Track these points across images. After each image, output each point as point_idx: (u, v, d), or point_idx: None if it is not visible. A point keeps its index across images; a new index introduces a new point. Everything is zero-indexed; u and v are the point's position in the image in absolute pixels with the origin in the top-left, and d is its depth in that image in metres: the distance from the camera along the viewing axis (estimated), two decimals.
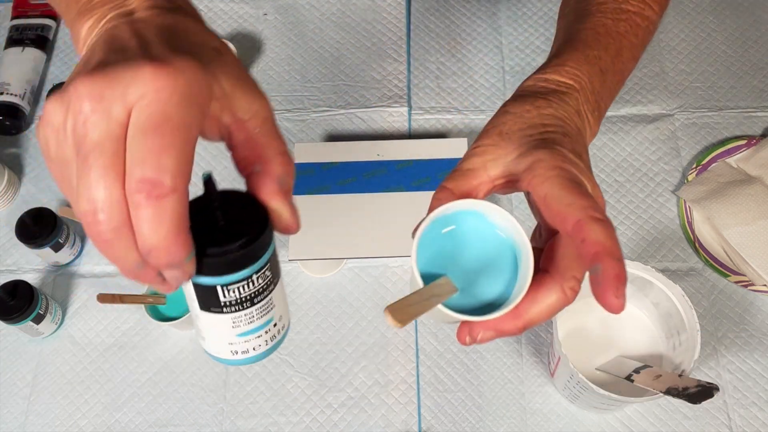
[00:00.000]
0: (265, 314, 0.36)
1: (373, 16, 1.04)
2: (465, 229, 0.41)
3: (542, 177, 0.38)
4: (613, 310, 0.35)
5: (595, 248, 0.35)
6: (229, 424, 0.79)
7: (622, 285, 0.35)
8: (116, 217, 0.29)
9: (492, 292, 0.40)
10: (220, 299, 0.34)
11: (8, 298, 0.78)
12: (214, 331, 0.36)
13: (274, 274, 0.36)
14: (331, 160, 0.86)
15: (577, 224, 0.36)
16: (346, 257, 0.83)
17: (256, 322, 0.36)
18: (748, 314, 0.82)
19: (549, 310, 0.38)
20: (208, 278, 0.33)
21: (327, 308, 0.85)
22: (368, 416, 0.79)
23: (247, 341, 0.37)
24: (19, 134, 0.99)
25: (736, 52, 0.99)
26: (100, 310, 0.86)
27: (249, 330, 0.36)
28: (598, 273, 0.35)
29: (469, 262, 0.41)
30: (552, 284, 0.38)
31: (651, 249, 0.86)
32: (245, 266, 0.34)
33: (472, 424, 0.78)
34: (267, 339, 0.38)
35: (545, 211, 0.38)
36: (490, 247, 0.41)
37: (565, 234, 0.37)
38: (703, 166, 0.90)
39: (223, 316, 0.35)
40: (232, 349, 0.37)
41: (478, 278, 0.41)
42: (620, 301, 0.35)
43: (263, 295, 0.35)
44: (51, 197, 0.94)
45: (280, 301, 0.38)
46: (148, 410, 0.81)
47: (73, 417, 0.81)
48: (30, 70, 0.99)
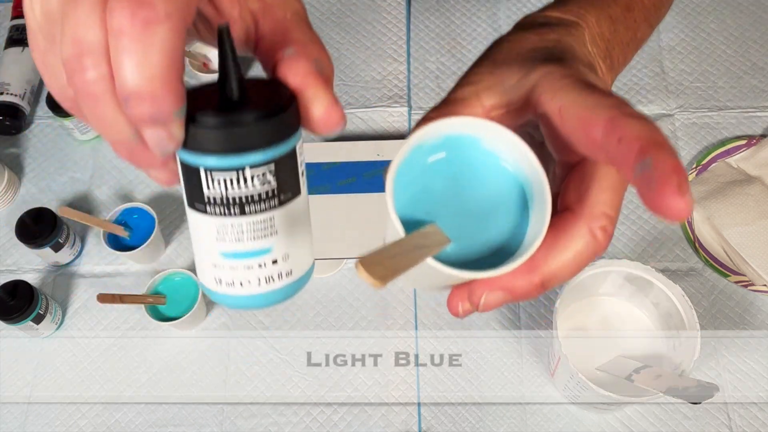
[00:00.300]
0: (260, 238, 0.29)
1: (373, 16, 1.04)
2: (458, 159, 0.32)
3: (553, 89, 0.30)
4: (679, 213, 0.25)
5: (639, 142, 0.26)
6: (229, 424, 0.79)
7: (684, 180, 0.25)
8: (105, 62, 0.24)
9: (496, 242, 0.31)
10: (203, 190, 0.28)
11: (8, 298, 0.78)
12: (199, 243, 0.30)
13: (282, 186, 0.29)
14: (331, 160, 0.86)
15: (609, 123, 0.27)
16: (346, 257, 0.83)
17: (247, 243, 0.29)
18: (748, 314, 0.82)
19: (575, 261, 0.29)
20: (192, 155, 0.27)
21: (327, 308, 0.85)
22: (368, 416, 0.79)
23: (234, 268, 0.29)
24: (19, 134, 0.99)
25: (736, 52, 0.99)
26: (100, 310, 0.86)
27: (236, 252, 0.29)
28: (648, 168, 0.25)
29: (464, 204, 0.32)
30: (577, 225, 0.29)
31: (651, 249, 0.86)
32: (236, 149, 0.27)
33: (472, 424, 0.78)
34: (260, 277, 0.30)
35: (563, 127, 0.29)
36: (493, 182, 0.32)
37: (592, 148, 0.28)
38: (703, 166, 0.90)
39: (207, 218, 0.29)
40: (215, 275, 0.30)
41: (477, 225, 0.31)
42: (686, 199, 0.24)
43: (259, 206, 0.28)
44: (51, 197, 0.94)
45: (291, 234, 0.30)
46: (148, 410, 0.81)
47: (73, 417, 0.81)
48: (30, 70, 0.99)
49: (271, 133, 0.27)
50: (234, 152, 0.27)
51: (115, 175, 0.95)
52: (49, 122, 0.99)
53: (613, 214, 0.29)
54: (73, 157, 0.97)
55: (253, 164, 0.27)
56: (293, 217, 0.30)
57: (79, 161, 0.96)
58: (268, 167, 0.28)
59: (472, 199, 0.32)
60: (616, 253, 0.86)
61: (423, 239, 0.29)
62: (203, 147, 0.27)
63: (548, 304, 0.83)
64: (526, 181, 0.31)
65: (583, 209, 0.29)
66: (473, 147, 0.31)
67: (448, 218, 0.31)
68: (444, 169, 0.32)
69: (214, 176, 0.27)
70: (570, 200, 0.30)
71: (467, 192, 0.32)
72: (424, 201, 0.31)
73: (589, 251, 0.29)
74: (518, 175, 0.31)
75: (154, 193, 0.93)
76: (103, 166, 0.95)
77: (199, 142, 0.27)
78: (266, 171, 0.28)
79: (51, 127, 0.99)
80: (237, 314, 0.85)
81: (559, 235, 0.30)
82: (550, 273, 0.30)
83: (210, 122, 0.26)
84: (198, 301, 0.80)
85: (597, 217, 0.29)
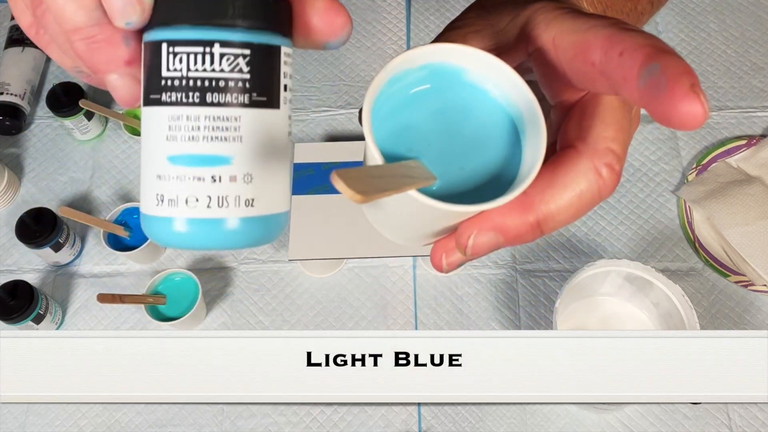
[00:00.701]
0: (220, 141, 0.25)
1: (373, 16, 1.04)
2: (442, 91, 0.29)
3: (546, 20, 0.28)
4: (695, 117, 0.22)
5: (643, 50, 0.24)
6: (229, 424, 0.80)
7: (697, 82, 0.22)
8: None
9: (486, 180, 0.28)
10: (162, 72, 0.24)
11: (8, 298, 0.78)
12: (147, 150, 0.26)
13: (255, 83, 0.25)
14: (331, 160, 0.86)
15: (607, 41, 0.25)
16: (346, 257, 0.83)
17: (201, 144, 0.25)
18: (748, 314, 0.82)
19: (577, 201, 0.27)
20: (157, 31, 0.25)
21: (327, 308, 0.85)
22: (368, 416, 0.79)
23: (180, 179, 0.25)
24: (19, 134, 0.99)
25: (736, 52, 0.99)
26: (100, 310, 0.86)
27: (187, 154, 0.25)
28: (656, 72, 0.23)
29: (450, 140, 0.29)
30: (580, 162, 0.27)
31: (651, 249, 0.86)
32: (207, 19, 0.24)
33: (472, 424, 0.78)
34: (211, 195, 0.25)
35: (559, 59, 0.27)
36: (481, 115, 0.29)
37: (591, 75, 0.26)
38: (703, 166, 0.90)
39: (159, 110, 0.25)
40: (158, 191, 0.25)
41: (465, 162, 0.28)
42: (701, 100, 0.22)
43: (224, 97, 0.25)
44: (51, 197, 0.94)
45: (259, 152, 0.26)
46: (148, 410, 0.81)
47: (73, 417, 0.81)
48: (30, 70, 0.99)
49: (252, 13, 0.24)
50: (204, 23, 0.24)
51: (115, 175, 0.95)
52: (49, 122, 0.99)
53: (619, 150, 0.27)
54: (73, 157, 0.97)
55: (224, 41, 0.24)
56: (265, 131, 0.26)
57: (79, 161, 0.96)
58: (242, 51, 0.24)
59: (459, 134, 0.29)
60: (616, 253, 0.86)
61: (406, 170, 0.26)
62: (171, 17, 0.24)
63: (548, 304, 0.83)
64: (518, 113, 0.28)
65: (586, 145, 0.27)
66: (458, 77, 0.29)
67: (432, 155, 0.28)
68: (427, 102, 0.29)
69: (177, 51, 0.24)
70: (571, 137, 0.28)
71: (453, 126, 0.29)
72: (406, 136, 0.28)
73: (593, 191, 0.27)
74: (508, 106, 0.29)
75: None
76: (103, 166, 0.95)
77: (167, 12, 0.24)
78: (239, 55, 0.24)
79: (51, 127, 0.99)
80: (237, 314, 0.85)
81: (559, 173, 0.27)
82: (548, 213, 0.27)
83: None
84: (198, 301, 0.80)
85: (602, 153, 0.26)
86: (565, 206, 0.27)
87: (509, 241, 0.27)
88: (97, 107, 0.90)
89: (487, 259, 0.86)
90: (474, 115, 0.29)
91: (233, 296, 0.86)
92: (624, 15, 0.38)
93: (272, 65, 0.25)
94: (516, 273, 0.86)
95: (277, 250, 0.88)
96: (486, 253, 0.28)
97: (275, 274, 0.87)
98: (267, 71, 0.25)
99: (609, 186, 0.27)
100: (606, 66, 0.25)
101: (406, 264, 0.86)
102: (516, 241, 0.27)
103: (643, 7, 0.41)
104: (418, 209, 0.26)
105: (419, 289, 0.86)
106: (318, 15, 0.25)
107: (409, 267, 0.86)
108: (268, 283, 0.87)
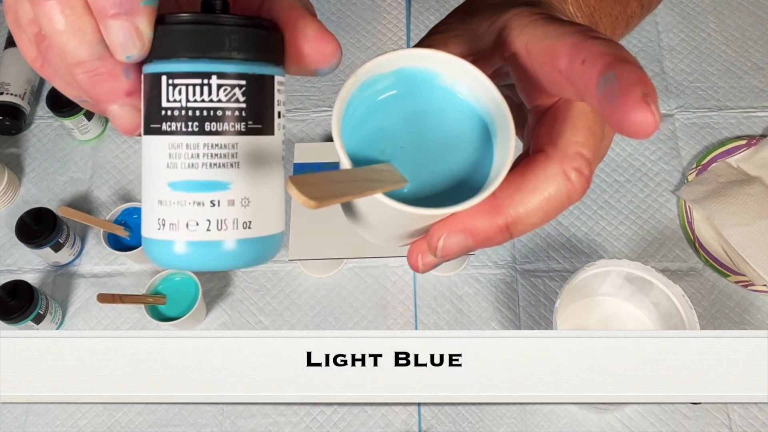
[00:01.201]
0: (218, 167, 0.26)
1: (373, 16, 1.04)
2: (414, 95, 0.29)
3: (521, 26, 0.28)
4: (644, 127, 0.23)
5: (602, 59, 0.24)
6: (229, 424, 0.80)
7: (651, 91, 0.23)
8: None
9: (457, 183, 0.29)
10: (162, 102, 0.26)
11: (8, 298, 0.78)
12: (148, 176, 0.27)
13: (251, 112, 0.26)
14: (331, 160, 0.86)
15: (573, 48, 0.25)
16: (346, 257, 0.83)
17: (201, 171, 0.26)
18: (748, 314, 0.82)
19: (546, 205, 0.27)
20: (156, 64, 0.26)
21: (327, 308, 0.85)
22: (368, 416, 0.79)
23: (181, 204, 0.26)
24: (19, 134, 0.99)
25: (736, 52, 0.99)
26: (100, 310, 0.86)
27: (187, 181, 0.26)
28: (611, 81, 0.23)
29: (421, 143, 0.29)
30: (549, 166, 0.27)
31: (651, 249, 0.86)
32: (205, 52, 0.25)
33: (472, 424, 0.78)
34: (210, 219, 0.26)
35: (531, 64, 0.28)
36: (452, 118, 0.29)
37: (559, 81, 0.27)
38: (703, 166, 0.90)
39: (160, 139, 0.26)
40: (159, 216, 0.27)
41: (437, 165, 0.29)
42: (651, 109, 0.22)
43: (222, 126, 0.26)
44: (51, 197, 0.94)
45: (255, 177, 0.27)
46: (148, 410, 0.81)
47: (73, 417, 0.81)
48: (30, 70, 0.99)
49: (247, 45, 0.26)
50: (202, 56, 0.25)
51: (115, 175, 0.95)
52: (49, 122, 0.99)
53: (589, 155, 0.27)
54: (73, 157, 0.97)
55: (221, 73, 0.26)
56: (261, 157, 0.27)
57: (79, 161, 0.96)
58: (238, 82, 0.26)
59: (431, 137, 0.29)
60: (616, 253, 0.86)
61: (375, 174, 0.27)
62: (169, 50, 0.25)
63: (548, 304, 0.83)
64: (489, 116, 0.29)
65: (556, 149, 0.27)
66: (429, 80, 0.29)
67: (404, 158, 0.29)
68: (399, 107, 0.29)
69: (176, 83, 0.26)
70: (542, 141, 0.28)
71: (425, 130, 0.29)
72: (378, 140, 0.29)
73: (562, 195, 0.27)
74: (479, 109, 0.29)
75: None
76: (103, 166, 0.96)
77: (166, 46, 0.25)
78: (235, 85, 0.26)
79: (51, 127, 0.99)
80: (237, 314, 0.85)
81: (528, 176, 0.27)
82: (517, 216, 0.27)
83: (179, 20, 0.25)
84: (198, 301, 0.80)
85: (571, 158, 0.27)
86: (534, 210, 0.27)
87: (479, 243, 0.28)
88: None
89: (487, 259, 0.86)
90: (445, 118, 0.29)
91: (233, 296, 0.86)
92: (613, 18, 0.39)
93: (267, 94, 0.27)
94: (516, 273, 0.86)
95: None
96: (457, 254, 0.28)
97: (275, 274, 0.87)
98: (262, 100, 0.27)
99: (578, 190, 0.27)
100: (571, 73, 0.25)
101: (406, 264, 0.86)
102: (486, 243, 0.28)
103: (633, 10, 0.41)
104: (387, 212, 0.26)
105: (419, 289, 0.86)
106: (309, 44, 0.27)
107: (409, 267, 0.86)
108: (268, 283, 0.87)
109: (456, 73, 0.28)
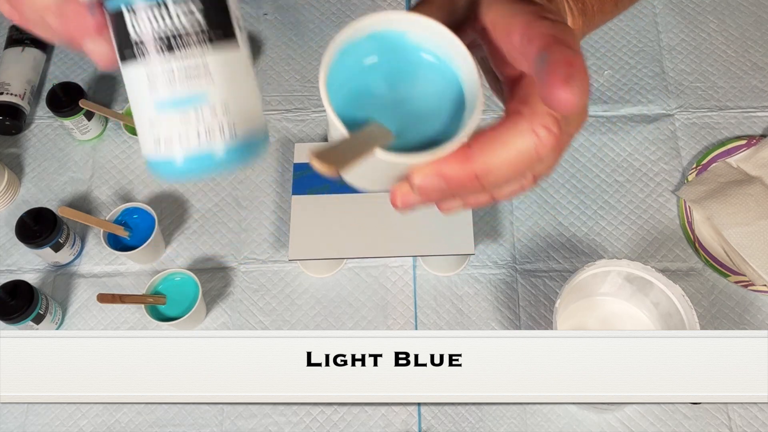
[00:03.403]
0: (193, 78, 0.29)
1: None
2: (391, 58, 0.32)
3: (488, 4, 0.31)
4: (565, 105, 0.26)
5: (543, 39, 0.27)
6: (229, 424, 0.80)
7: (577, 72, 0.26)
8: None
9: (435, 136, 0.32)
10: (130, 34, 0.29)
11: (8, 298, 0.78)
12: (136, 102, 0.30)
13: (211, 25, 0.29)
14: None
15: (525, 26, 0.29)
16: (346, 257, 0.83)
17: (179, 86, 0.29)
18: (748, 314, 0.83)
19: (515, 158, 0.29)
20: None
21: (327, 308, 0.85)
22: (368, 416, 0.79)
23: (170, 121, 0.29)
24: (19, 134, 0.99)
25: (736, 52, 0.99)
26: (100, 310, 0.86)
27: (170, 99, 0.29)
28: (545, 60, 0.26)
29: (402, 102, 0.32)
30: (519, 122, 0.29)
31: (651, 249, 0.86)
32: None
33: (472, 424, 0.78)
34: (199, 129, 0.29)
35: (495, 39, 0.31)
36: (428, 77, 0.32)
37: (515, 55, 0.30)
38: (703, 166, 0.90)
39: (138, 66, 0.29)
40: (154, 135, 0.30)
41: (417, 121, 0.32)
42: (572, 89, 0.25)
43: (187, 41, 0.29)
44: (51, 197, 0.94)
45: (229, 84, 0.30)
46: (148, 410, 0.81)
47: (73, 417, 0.81)
48: (30, 70, 0.99)
49: None
50: None
51: (115, 175, 0.95)
52: (49, 122, 0.99)
53: (558, 115, 0.29)
54: (73, 157, 0.97)
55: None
56: (230, 65, 0.30)
57: (79, 161, 0.96)
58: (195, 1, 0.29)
59: (409, 96, 0.32)
60: (616, 253, 0.86)
61: (368, 135, 0.30)
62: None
63: (548, 304, 0.83)
64: (460, 72, 0.31)
65: (527, 107, 0.30)
66: (404, 42, 0.32)
67: (387, 117, 0.31)
68: (378, 68, 0.32)
69: (137, 14, 0.29)
70: (516, 103, 0.31)
71: (403, 90, 0.32)
72: (361, 101, 0.32)
73: (530, 150, 0.29)
74: (452, 67, 0.32)
75: (154, 193, 0.93)
76: (103, 166, 0.96)
77: None
78: (190, 3, 0.29)
79: (51, 127, 0.99)
80: (237, 314, 0.85)
81: (500, 131, 0.30)
82: (486, 166, 0.29)
83: None
84: (198, 301, 0.80)
85: (540, 115, 0.29)
86: (504, 163, 0.29)
87: (453, 189, 0.30)
88: (97, 107, 0.90)
89: (487, 259, 0.86)
90: (422, 76, 0.32)
91: (233, 296, 0.86)
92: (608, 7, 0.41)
93: (224, 6, 0.30)
94: (516, 273, 0.86)
95: (277, 250, 0.88)
96: (435, 197, 0.31)
97: (275, 274, 0.87)
98: (219, 12, 0.30)
99: (546, 146, 0.29)
100: (522, 49, 0.29)
101: (406, 264, 0.87)
102: (458, 188, 0.30)
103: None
104: (378, 163, 0.30)
105: (419, 289, 0.86)
106: None
107: (409, 267, 0.86)
108: (268, 283, 0.87)
109: (428, 33, 0.31)
